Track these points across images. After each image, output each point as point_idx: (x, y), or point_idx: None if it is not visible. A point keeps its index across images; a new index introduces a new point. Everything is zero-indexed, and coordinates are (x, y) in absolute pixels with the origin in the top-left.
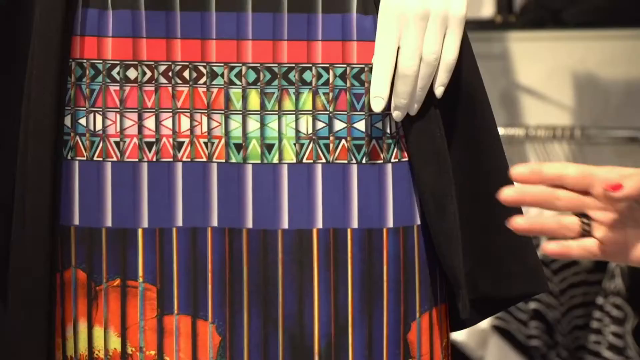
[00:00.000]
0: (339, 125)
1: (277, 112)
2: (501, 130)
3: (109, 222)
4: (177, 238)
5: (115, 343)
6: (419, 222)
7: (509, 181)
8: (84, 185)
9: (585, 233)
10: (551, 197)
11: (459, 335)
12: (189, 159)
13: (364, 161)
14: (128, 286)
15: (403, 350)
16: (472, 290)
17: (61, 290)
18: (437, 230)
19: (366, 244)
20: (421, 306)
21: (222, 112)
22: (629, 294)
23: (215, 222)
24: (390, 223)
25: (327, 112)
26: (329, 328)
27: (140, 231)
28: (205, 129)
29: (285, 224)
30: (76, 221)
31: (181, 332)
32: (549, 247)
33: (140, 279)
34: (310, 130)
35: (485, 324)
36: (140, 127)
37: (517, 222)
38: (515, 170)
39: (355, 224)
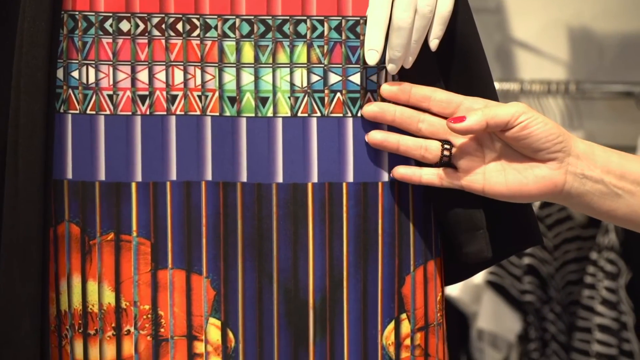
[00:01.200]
0: (334, 78)
1: (271, 65)
2: (496, 85)
3: (102, 176)
4: (171, 192)
5: (109, 297)
6: None
7: None
8: (76, 139)
9: (445, 158)
10: (415, 118)
11: (453, 291)
12: (182, 113)
13: (359, 114)
14: (122, 240)
15: (397, 304)
16: (466, 243)
17: (54, 244)
18: None
19: (361, 197)
20: (415, 260)
21: (216, 65)
22: (623, 249)
23: (209, 176)
24: (385, 177)
25: (322, 65)
26: (323, 282)
27: (133, 185)
28: (198, 82)
29: (279, 178)
30: (69, 175)
31: (175, 287)
32: (397, 171)
33: (134, 233)
34: (305, 84)
35: (479, 279)
36: (134, 80)
37: (372, 135)
38: (384, 87)
39: (350, 177)
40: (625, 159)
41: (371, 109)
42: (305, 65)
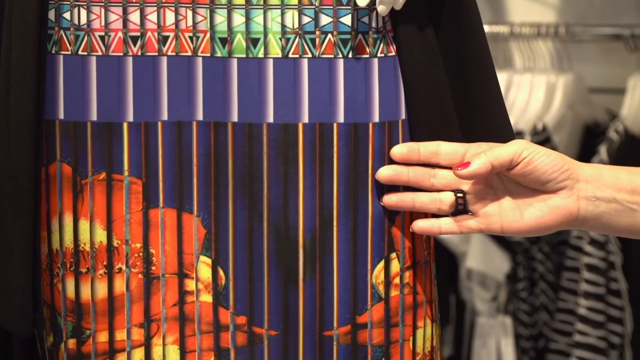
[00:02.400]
0: (325, 19)
1: (262, 7)
2: (486, 28)
3: (94, 116)
4: (163, 132)
5: (101, 236)
6: (404, 117)
7: (493, 78)
8: (68, 80)
9: (461, 207)
10: (427, 175)
11: None
12: (174, 54)
13: (350, 56)
14: (113, 180)
15: (387, 244)
16: None
17: (46, 184)
18: (433, 117)
19: (352, 138)
20: None
21: (207, 6)
22: None
23: (200, 116)
24: (376, 117)
25: (313, 7)
26: (313, 221)
27: (125, 125)
28: (190, 23)
29: (270, 118)
30: (61, 115)
31: (167, 225)
32: (416, 225)
33: (126, 173)
34: (296, 25)
35: None
36: (125, 21)
37: (386, 199)
38: (395, 150)
39: (341, 118)
40: (634, 174)
41: (386, 172)
42: (297, 6)
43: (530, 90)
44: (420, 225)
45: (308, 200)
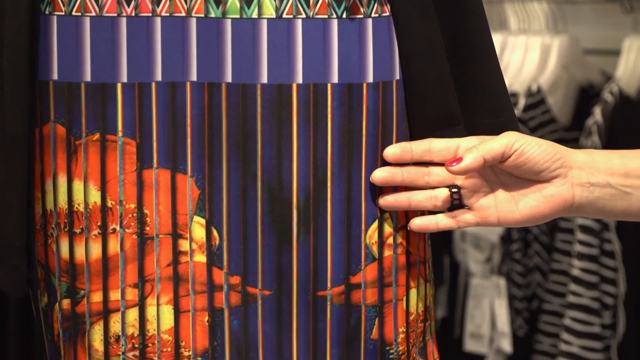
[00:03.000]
0: None
1: None
2: None
3: (87, 77)
4: (156, 92)
5: (95, 197)
6: (398, 77)
7: (488, 41)
8: (62, 40)
9: (456, 202)
10: (420, 173)
11: None
12: (167, 14)
13: (344, 16)
14: (107, 140)
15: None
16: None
17: (40, 144)
18: (428, 78)
19: (346, 98)
20: None
21: None
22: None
23: (194, 77)
24: (370, 78)
25: None
26: (307, 182)
27: (119, 86)
28: None
29: (264, 79)
30: (55, 76)
31: (160, 186)
32: (414, 223)
33: (120, 133)
34: None
35: None
36: None
37: (383, 200)
38: (387, 152)
39: (335, 78)
40: (627, 157)
41: (380, 174)
42: None
43: (525, 52)
44: (418, 223)
45: (302, 160)
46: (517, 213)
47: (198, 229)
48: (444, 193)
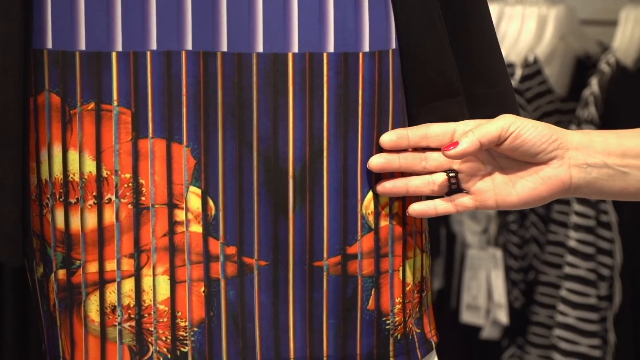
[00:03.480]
0: None
1: None
2: None
3: (82, 46)
4: (151, 61)
5: (90, 166)
6: (394, 47)
7: (485, 11)
8: (56, 9)
9: (454, 186)
10: (417, 159)
11: None
12: None
13: None
14: (102, 110)
15: (376, 174)
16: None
17: (35, 114)
18: (425, 47)
19: (342, 68)
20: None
21: None
22: (602, 122)
23: (189, 46)
24: (366, 47)
25: None
26: (303, 152)
27: (114, 54)
28: None
29: (259, 48)
30: (49, 44)
31: (156, 156)
32: (412, 209)
33: (115, 103)
34: None
35: None
36: None
37: (380, 186)
38: (384, 139)
39: (331, 48)
40: (623, 137)
41: (377, 161)
42: None
43: (521, 22)
44: (416, 208)
45: (298, 130)
46: (515, 196)
47: (194, 199)
48: (441, 178)
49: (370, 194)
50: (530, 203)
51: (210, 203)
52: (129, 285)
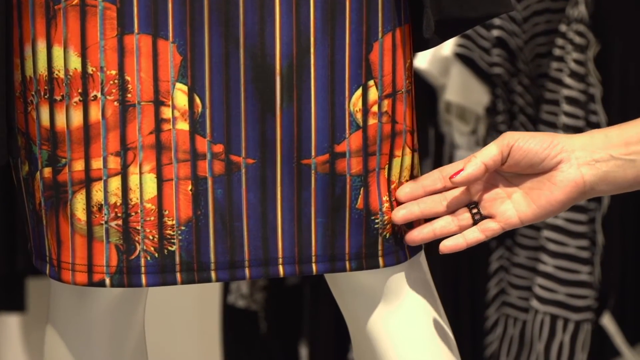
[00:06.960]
0: None
1: None
2: None
3: None
4: None
5: (75, 63)
6: None
7: None
8: None
9: (477, 216)
10: (437, 202)
11: (421, 63)
12: None
13: None
14: (87, 5)
15: (365, 71)
16: (435, 11)
17: (18, 9)
18: None
19: None
20: (384, 26)
21: None
22: (592, 21)
23: None
24: None
25: None
26: (290, 48)
27: None
28: None
29: None
30: None
31: (142, 52)
32: (444, 246)
33: None
34: None
35: (447, 51)
36: None
37: (411, 240)
38: (400, 193)
39: None
40: (624, 128)
41: (400, 214)
42: None
43: None
44: (447, 244)
45: (284, 26)
46: (536, 208)
47: (180, 96)
48: (463, 213)
49: (358, 91)
50: (552, 211)
51: (197, 100)
52: (115, 183)
